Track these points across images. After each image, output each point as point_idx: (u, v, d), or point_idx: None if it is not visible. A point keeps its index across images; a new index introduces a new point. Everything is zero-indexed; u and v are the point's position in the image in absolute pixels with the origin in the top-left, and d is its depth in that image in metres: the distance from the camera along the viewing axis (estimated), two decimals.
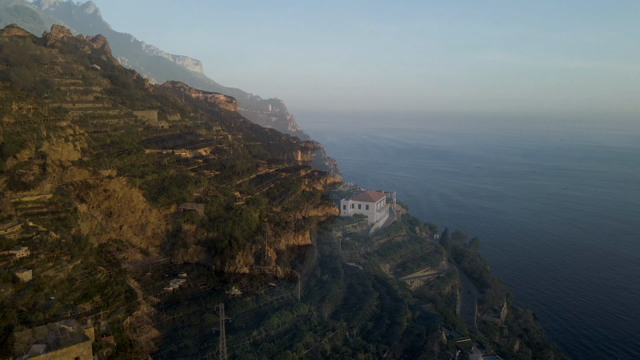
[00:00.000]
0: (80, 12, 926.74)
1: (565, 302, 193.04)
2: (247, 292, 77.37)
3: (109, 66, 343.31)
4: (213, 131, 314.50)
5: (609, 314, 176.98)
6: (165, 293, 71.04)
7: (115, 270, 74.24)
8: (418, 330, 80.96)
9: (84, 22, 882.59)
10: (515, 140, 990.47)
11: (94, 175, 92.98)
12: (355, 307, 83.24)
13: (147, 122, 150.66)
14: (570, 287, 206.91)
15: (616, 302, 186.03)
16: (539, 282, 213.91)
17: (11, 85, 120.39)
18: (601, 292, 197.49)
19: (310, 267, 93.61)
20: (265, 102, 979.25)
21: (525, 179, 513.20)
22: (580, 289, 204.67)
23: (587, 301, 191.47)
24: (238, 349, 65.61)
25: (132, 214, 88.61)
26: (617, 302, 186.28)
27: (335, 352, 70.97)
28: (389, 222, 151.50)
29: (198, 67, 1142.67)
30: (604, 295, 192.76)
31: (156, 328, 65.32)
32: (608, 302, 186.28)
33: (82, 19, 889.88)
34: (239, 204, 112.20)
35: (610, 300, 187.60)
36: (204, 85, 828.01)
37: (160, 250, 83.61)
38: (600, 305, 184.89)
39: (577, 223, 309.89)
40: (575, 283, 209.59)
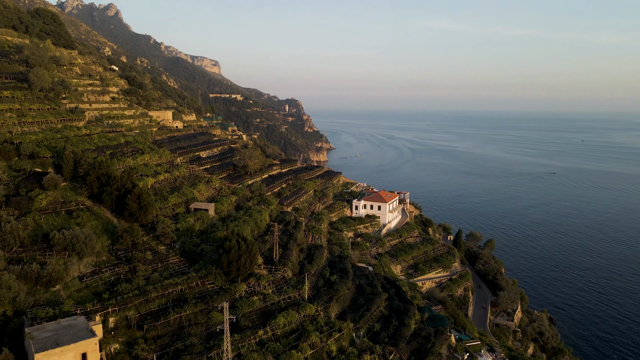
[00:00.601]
0: (101, 14, 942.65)
1: (584, 306, 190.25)
2: (254, 291, 77.80)
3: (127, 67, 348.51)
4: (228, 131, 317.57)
5: (630, 320, 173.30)
6: (173, 291, 71.84)
7: (125, 268, 75.38)
8: (426, 332, 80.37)
9: (105, 24, 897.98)
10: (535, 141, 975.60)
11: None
12: (362, 308, 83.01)
13: (161, 122, 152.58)
14: (590, 292, 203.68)
15: (639, 309, 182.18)
16: (558, 285, 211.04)
17: (30, 86, 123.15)
18: (623, 297, 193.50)
19: (319, 268, 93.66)
20: (282, 102, 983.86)
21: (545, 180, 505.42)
22: (600, 294, 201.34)
23: (608, 307, 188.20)
24: (244, 347, 66.03)
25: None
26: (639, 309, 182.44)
27: (341, 352, 70.94)
28: (401, 223, 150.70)
29: (216, 67, 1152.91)
30: (626, 301, 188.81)
31: (163, 326, 66.10)
32: (630, 308, 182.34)
33: (104, 21, 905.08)
34: (249, 203, 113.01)
35: (633, 306, 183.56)
36: (221, 85, 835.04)
37: (170, 248, 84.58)
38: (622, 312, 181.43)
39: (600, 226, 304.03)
40: (596, 288, 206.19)
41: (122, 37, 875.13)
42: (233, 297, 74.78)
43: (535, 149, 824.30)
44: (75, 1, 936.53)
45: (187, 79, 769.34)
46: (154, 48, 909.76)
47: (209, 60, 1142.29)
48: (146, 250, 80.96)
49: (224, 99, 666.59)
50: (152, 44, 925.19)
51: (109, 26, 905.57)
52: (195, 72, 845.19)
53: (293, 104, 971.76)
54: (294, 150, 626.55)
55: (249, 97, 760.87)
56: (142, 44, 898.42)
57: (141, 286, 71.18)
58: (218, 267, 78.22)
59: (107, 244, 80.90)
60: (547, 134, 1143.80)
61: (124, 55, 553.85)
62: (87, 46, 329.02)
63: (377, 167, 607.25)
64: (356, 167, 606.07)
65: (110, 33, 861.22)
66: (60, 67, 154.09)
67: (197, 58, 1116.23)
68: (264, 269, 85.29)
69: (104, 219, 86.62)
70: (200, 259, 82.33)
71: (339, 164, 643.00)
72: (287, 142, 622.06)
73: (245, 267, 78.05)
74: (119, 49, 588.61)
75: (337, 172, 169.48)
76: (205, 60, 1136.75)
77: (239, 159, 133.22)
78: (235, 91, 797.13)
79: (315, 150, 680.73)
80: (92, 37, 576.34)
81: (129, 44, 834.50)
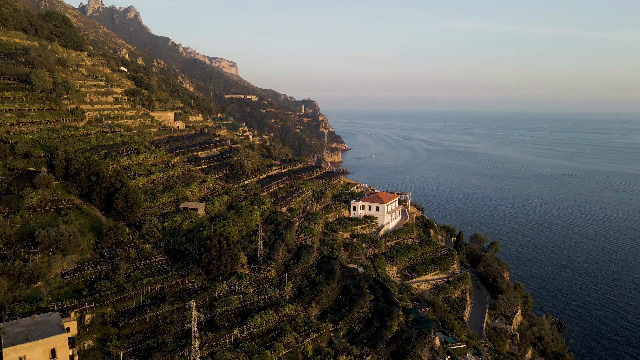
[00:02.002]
0: (121, 16, 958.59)
1: (596, 313, 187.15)
2: (234, 290, 78.12)
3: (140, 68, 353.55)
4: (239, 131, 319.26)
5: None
6: (152, 289, 72.64)
7: (107, 266, 76.50)
8: (408, 335, 79.58)
9: (125, 26, 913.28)
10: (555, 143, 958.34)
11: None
12: (345, 309, 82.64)
13: (163, 123, 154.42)
14: (603, 299, 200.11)
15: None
16: (570, 291, 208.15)
17: (32, 87, 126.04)
18: (638, 307, 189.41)
19: (305, 268, 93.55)
20: (298, 103, 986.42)
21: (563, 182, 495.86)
22: (614, 302, 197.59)
23: (620, 315, 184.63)
24: (217, 346, 66.36)
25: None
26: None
27: (317, 353, 70.72)
28: (400, 224, 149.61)
29: (233, 68, 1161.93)
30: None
31: (139, 323, 66.88)
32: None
33: (123, 23, 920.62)
34: (242, 203, 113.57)
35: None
36: (238, 86, 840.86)
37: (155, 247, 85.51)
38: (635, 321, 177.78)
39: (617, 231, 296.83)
40: (610, 295, 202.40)
41: (141, 39, 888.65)
42: (212, 296, 75.20)
43: (555, 150, 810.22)
44: (97, 4, 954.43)
45: (204, 80, 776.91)
46: (172, 50, 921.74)
47: (226, 62, 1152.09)
48: (130, 248, 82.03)
49: (239, 99, 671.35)
50: (170, 45, 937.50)
51: (128, 28, 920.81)
52: (212, 73, 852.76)
53: (309, 105, 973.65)
54: (308, 151, 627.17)
55: (264, 97, 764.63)
56: (161, 45, 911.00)
57: (120, 284, 72.16)
58: (199, 266, 78.81)
59: (93, 242, 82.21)
60: (568, 135, 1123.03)
61: (140, 56, 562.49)
62: (101, 48, 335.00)
63: (391, 168, 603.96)
64: (370, 168, 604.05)
65: (130, 35, 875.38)
66: (66, 69, 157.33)
67: (215, 59, 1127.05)
68: (248, 268, 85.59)
69: (92, 218, 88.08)
70: (183, 258, 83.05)
71: (353, 164, 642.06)
72: (301, 143, 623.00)
73: (226, 267, 78.44)
74: (136, 50, 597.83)
75: (338, 173, 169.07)
76: (223, 61, 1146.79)
77: (237, 159, 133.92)
78: (251, 92, 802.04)
79: (329, 151, 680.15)
80: (111, 39, 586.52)
81: (148, 46, 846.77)
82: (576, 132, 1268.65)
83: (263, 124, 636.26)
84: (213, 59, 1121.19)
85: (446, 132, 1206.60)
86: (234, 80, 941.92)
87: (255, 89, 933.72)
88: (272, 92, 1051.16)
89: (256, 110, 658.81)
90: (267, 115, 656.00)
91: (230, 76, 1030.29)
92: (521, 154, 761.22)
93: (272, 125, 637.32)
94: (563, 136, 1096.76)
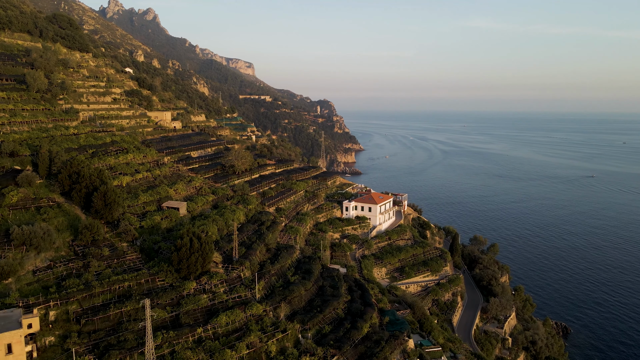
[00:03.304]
0: (140, 18, 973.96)
1: (604, 318, 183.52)
2: (204, 289, 78.40)
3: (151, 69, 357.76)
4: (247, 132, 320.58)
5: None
6: (120, 287, 73.39)
7: (79, 263, 77.55)
8: (378, 337, 78.69)
9: (144, 28, 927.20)
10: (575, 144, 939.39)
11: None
12: (316, 310, 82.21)
13: (159, 123, 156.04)
14: (614, 307, 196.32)
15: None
16: (578, 295, 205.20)
17: (28, 88, 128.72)
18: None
19: (282, 268, 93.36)
20: (314, 104, 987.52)
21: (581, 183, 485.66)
22: (626, 310, 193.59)
23: (629, 323, 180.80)
24: (179, 345, 66.64)
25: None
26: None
27: (281, 354, 70.46)
28: (394, 225, 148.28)
29: (250, 69, 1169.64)
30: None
31: (102, 320, 67.59)
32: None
33: (142, 25, 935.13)
34: (227, 203, 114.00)
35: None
36: (253, 87, 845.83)
37: (132, 245, 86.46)
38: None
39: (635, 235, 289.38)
40: (621, 301, 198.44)
41: (159, 41, 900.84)
42: (180, 294, 75.57)
43: (574, 152, 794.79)
44: (116, 7, 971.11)
45: (220, 81, 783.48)
46: (189, 51, 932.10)
47: (243, 62, 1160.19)
48: (105, 246, 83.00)
49: (253, 100, 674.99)
50: (187, 46, 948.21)
51: (147, 30, 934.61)
52: (228, 74, 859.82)
53: (325, 105, 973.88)
54: (321, 151, 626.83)
55: (278, 98, 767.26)
56: (178, 47, 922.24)
57: (89, 281, 73.04)
58: (171, 264, 79.31)
59: (69, 239, 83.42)
60: (588, 136, 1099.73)
61: (156, 58, 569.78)
62: (112, 50, 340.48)
63: (405, 169, 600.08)
64: (383, 168, 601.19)
65: (148, 37, 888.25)
66: (67, 70, 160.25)
67: (232, 60, 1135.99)
68: (222, 267, 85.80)
69: (72, 216, 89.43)
70: (156, 256, 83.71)
71: (367, 165, 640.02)
72: (314, 143, 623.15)
73: (196, 265, 78.76)
74: (152, 52, 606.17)
75: (334, 173, 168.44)
76: (240, 62, 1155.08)
77: (228, 159, 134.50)
78: (267, 92, 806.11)
79: (343, 152, 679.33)
80: (127, 40, 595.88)
81: (165, 47, 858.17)
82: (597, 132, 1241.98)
83: (277, 124, 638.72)
84: (230, 59, 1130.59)
85: (463, 132, 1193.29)
86: (249, 81, 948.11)
87: (270, 90, 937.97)
88: (288, 92, 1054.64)
89: (270, 110, 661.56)
90: (280, 115, 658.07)
91: (247, 77, 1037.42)
92: (539, 155, 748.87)
93: (286, 126, 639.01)
94: (583, 137, 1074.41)
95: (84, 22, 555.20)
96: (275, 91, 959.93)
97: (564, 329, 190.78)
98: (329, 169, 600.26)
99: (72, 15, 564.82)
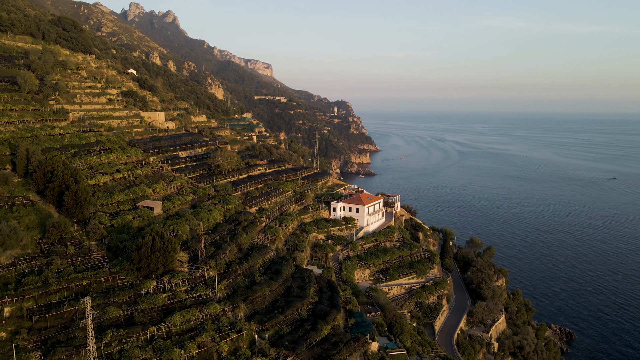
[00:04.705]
0: (160, 20, 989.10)
1: (612, 325, 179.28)
2: (165, 288, 78.71)
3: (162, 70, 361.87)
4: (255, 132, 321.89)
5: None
6: (78, 285, 74.27)
7: (42, 261, 78.76)
8: (338, 339, 77.72)
9: (163, 30, 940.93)
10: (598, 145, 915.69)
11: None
12: (278, 310, 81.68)
13: (152, 123, 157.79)
14: (622, 311, 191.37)
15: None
16: (586, 301, 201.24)
17: (19, 89, 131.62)
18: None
19: (252, 268, 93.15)
20: (331, 104, 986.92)
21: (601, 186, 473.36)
22: (633, 315, 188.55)
23: (636, 330, 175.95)
24: (128, 343, 66.96)
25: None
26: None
27: (233, 354, 70.18)
28: (383, 226, 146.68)
29: (268, 70, 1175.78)
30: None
31: (55, 318, 68.43)
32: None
33: (162, 27, 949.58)
34: (207, 203, 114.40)
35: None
36: (270, 87, 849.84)
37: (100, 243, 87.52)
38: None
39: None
40: (632, 310, 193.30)
41: (178, 42, 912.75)
42: (138, 293, 76.00)
43: (597, 153, 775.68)
44: (137, 9, 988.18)
45: (236, 82, 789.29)
46: (207, 52, 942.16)
47: (261, 63, 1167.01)
48: (72, 244, 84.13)
49: (268, 100, 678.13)
50: (205, 48, 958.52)
51: (166, 32, 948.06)
52: (245, 75, 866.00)
53: (342, 106, 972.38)
54: (335, 152, 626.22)
55: (294, 99, 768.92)
56: (197, 48, 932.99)
57: (48, 279, 74.05)
58: (132, 263, 79.86)
59: (38, 237, 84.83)
60: (613, 137, 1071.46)
61: (171, 59, 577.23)
62: (123, 51, 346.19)
63: (419, 169, 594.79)
64: (397, 169, 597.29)
65: (168, 39, 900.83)
66: (64, 71, 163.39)
67: (250, 61, 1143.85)
68: (187, 267, 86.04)
69: (45, 214, 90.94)
70: (120, 255, 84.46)
71: (381, 166, 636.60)
72: (328, 144, 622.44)
73: (157, 264, 79.07)
74: (168, 53, 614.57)
75: (327, 174, 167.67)
76: (258, 63, 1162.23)
77: (215, 159, 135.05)
78: (284, 93, 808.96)
79: (357, 152, 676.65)
80: (144, 42, 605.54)
81: (184, 49, 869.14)
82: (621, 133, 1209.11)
83: (291, 125, 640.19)
84: (248, 60, 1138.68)
85: (482, 133, 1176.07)
86: (267, 81, 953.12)
87: (288, 90, 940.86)
88: (305, 93, 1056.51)
89: (284, 111, 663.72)
90: (294, 116, 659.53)
91: (264, 78, 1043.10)
92: (559, 156, 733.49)
93: (300, 126, 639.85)
94: (607, 138, 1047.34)
95: (102, 25, 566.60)
96: (292, 92, 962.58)
97: (568, 334, 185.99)
98: (343, 170, 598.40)
99: (90, 18, 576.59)
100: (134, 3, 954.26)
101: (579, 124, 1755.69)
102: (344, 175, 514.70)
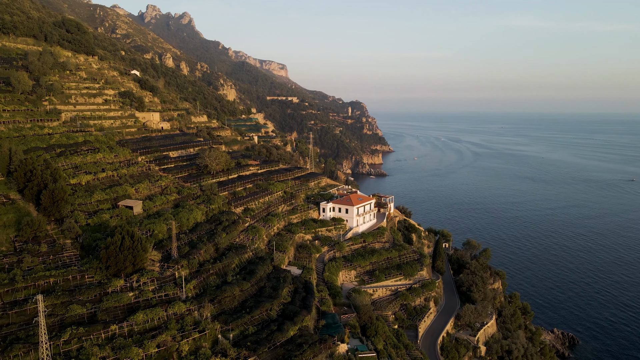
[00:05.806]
0: (176, 22, 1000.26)
1: (619, 332, 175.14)
2: (132, 287, 79.16)
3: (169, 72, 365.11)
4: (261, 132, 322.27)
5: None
6: (45, 283, 75.22)
7: (14, 259, 79.90)
8: (303, 340, 77.13)
9: (179, 32, 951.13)
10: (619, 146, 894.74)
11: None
12: (246, 311, 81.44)
13: (146, 124, 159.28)
14: (627, 316, 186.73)
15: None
16: (590, 308, 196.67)
17: (13, 89, 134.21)
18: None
19: (226, 268, 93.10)
20: (345, 105, 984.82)
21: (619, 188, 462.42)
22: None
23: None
24: (88, 341, 67.46)
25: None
26: None
27: (193, 354, 70.16)
28: (373, 227, 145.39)
29: (283, 71, 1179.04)
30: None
31: (18, 315, 69.35)
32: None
33: (178, 29, 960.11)
34: (190, 202, 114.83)
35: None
36: (284, 88, 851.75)
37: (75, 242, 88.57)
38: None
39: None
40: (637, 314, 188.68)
41: (194, 44, 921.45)
42: (104, 291, 76.56)
43: (617, 154, 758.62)
44: (154, 12, 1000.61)
45: (250, 82, 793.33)
46: (222, 53, 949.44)
47: (276, 64, 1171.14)
48: (45, 243, 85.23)
49: (280, 101, 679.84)
50: (221, 49, 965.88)
51: (182, 34, 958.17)
52: (259, 76, 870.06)
53: (357, 107, 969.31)
54: (347, 152, 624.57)
55: (307, 99, 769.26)
56: (212, 49, 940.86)
57: (16, 276, 75.06)
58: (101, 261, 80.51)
59: (13, 235, 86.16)
60: (635, 138, 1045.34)
61: (184, 60, 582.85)
62: (132, 52, 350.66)
63: (431, 170, 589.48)
64: (409, 170, 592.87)
65: (183, 40, 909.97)
66: (63, 72, 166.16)
67: (266, 62, 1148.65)
68: (159, 266, 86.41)
69: (24, 212, 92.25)
70: (92, 254, 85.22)
71: (393, 167, 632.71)
72: (340, 145, 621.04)
73: (125, 263, 79.55)
74: (181, 54, 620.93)
75: (320, 175, 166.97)
76: (273, 64, 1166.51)
77: (204, 159, 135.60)
78: (298, 94, 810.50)
79: (369, 153, 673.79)
80: (158, 44, 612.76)
81: (199, 50, 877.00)
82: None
83: (302, 125, 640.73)
84: (264, 61, 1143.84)
85: (499, 134, 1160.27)
86: (281, 82, 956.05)
87: (302, 91, 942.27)
88: (320, 93, 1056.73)
89: (296, 111, 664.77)
90: (307, 116, 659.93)
91: (279, 78, 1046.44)
92: (577, 157, 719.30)
93: (312, 127, 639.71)
94: (628, 139, 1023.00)
95: (117, 27, 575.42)
96: (306, 92, 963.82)
97: (571, 339, 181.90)
98: (354, 171, 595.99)
99: (106, 20, 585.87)
100: (150, 5, 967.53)
101: (598, 125, 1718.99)
102: (354, 176, 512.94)
